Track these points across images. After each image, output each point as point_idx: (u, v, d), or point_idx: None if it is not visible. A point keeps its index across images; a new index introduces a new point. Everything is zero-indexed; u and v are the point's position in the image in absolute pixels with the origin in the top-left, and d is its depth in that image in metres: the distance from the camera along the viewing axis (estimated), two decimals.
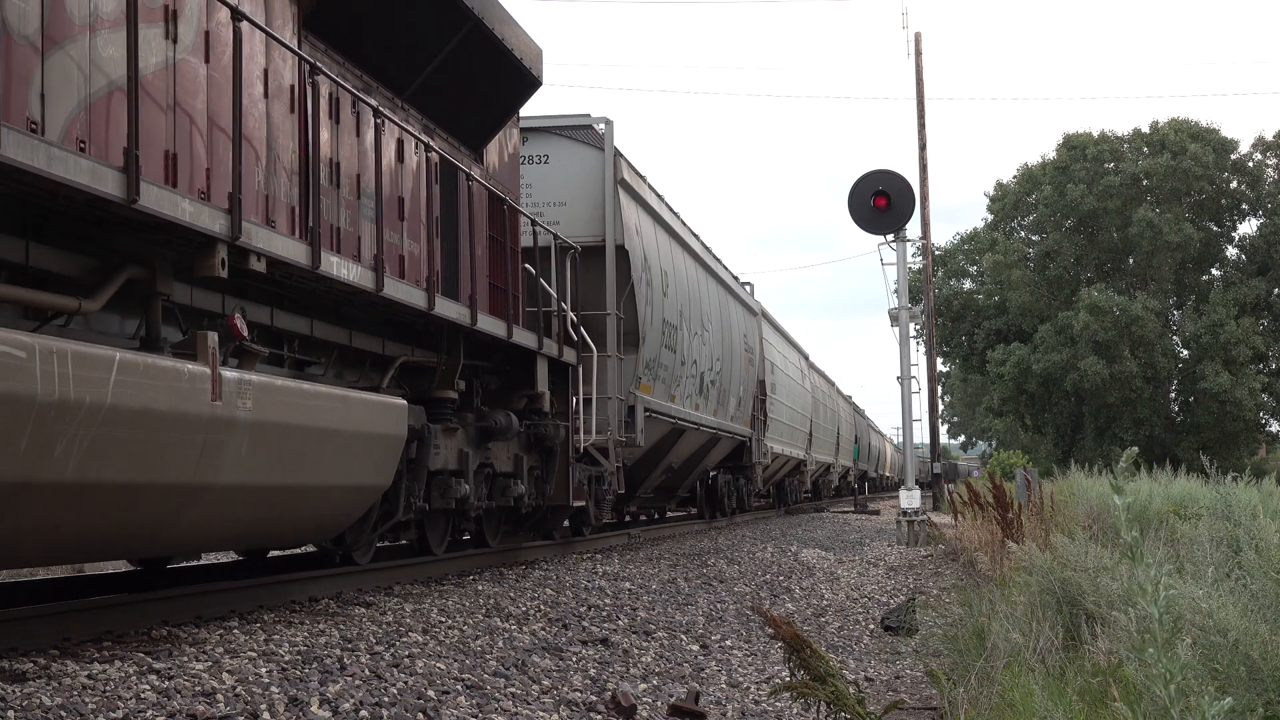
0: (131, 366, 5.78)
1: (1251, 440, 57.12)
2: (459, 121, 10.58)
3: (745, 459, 24.48)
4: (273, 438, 6.98)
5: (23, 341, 5.14)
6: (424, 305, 9.15)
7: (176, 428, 6.14)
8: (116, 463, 5.77)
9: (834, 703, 5.04)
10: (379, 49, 9.01)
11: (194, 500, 6.53)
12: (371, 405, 8.26)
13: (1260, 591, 4.91)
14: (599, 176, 14.87)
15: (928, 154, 33.47)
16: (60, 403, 5.32)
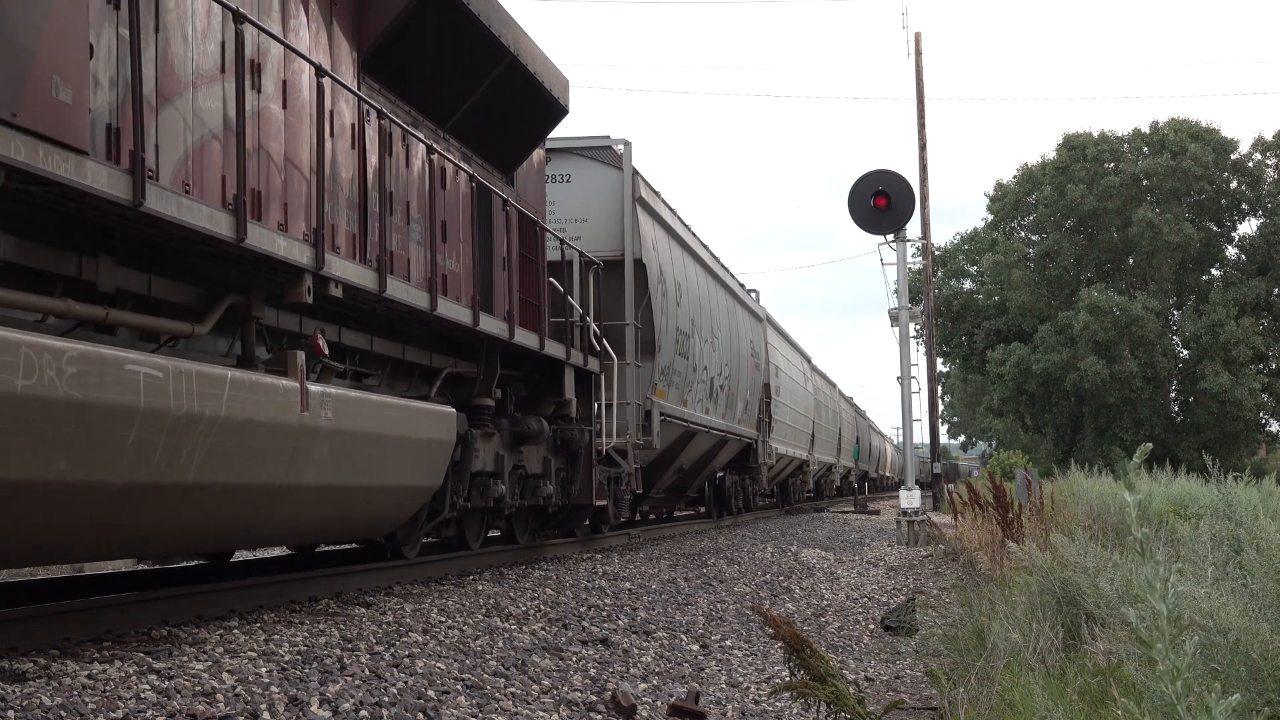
0: (239, 383, 6.62)
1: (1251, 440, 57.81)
2: (493, 148, 11.41)
3: (751, 460, 25.44)
4: (348, 443, 7.82)
5: (160, 363, 5.96)
6: (469, 322, 10.02)
7: (273, 435, 6.97)
8: (227, 466, 6.60)
9: (834, 703, 5.07)
10: (425, 86, 9.83)
11: (284, 499, 7.38)
12: (427, 413, 9.11)
13: (1261, 591, 4.91)
14: (618, 195, 15.80)
15: (928, 154, 34.02)
16: (187, 415, 6.14)
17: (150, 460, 5.96)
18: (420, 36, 9.32)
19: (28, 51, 5.16)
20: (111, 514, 5.97)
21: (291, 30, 8.06)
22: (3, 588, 8.44)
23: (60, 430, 5.35)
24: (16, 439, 5.13)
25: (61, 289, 6.15)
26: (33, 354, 5.16)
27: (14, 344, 5.08)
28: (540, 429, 12.16)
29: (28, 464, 5.23)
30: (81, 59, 5.54)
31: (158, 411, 5.92)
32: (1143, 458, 3.59)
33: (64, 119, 5.35)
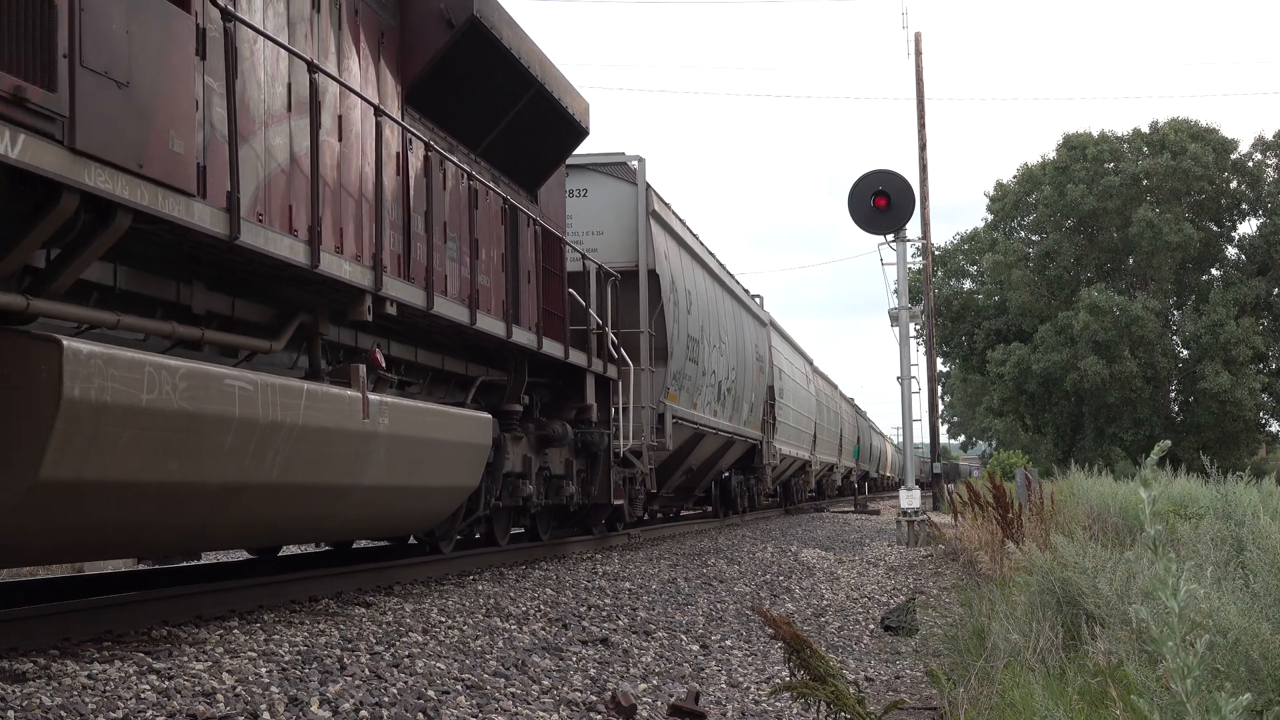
0: (313, 394, 7.55)
1: (1251, 440, 58.56)
2: (520, 168, 12.35)
3: (756, 460, 26.49)
4: (401, 447, 8.75)
5: (251, 378, 6.88)
6: (503, 334, 10.98)
7: (339, 441, 7.90)
8: (302, 468, 7.52)
9: (834, 703, 5.13)
10: (460, 114, 10.75)
11: (346, 498, 8.31)
12: (467, 419, 10.06)
13: (1261, 591, 4.93)
14: (633, 209, 16.84)
15: (928, 154, 34.54)
16: (271, 423, 7.06)
17: (242, 463, 6.89)
18: (457, 70, 10.24)
19: (150, 112, 6.08)
20: (209, 511, 6.90)
21: (345, 68, 8.97)
22: (3, 588, 8.55)
23: (173, 437, 6.28)
24: (139, 445, 6.05)
25: (162, 312, 7.08)
26: (154, 372, 6.08)
27: (140, 363, 5.99)
28: (564, 433, 13.15)
29: (148, 467, 6.15)
30: (190, 115, 6.45)
31: (249, 420, 6.85)
32: (1160, 454, 3.56)
33: (177, 167, 6.28)
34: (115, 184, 5.82)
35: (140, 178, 6.00)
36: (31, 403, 5.46)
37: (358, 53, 9.19)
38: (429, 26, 9.83)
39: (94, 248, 5.97)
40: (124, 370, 5.85)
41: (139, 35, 6.00)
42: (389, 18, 9.69)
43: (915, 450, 23.45)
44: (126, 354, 5.94)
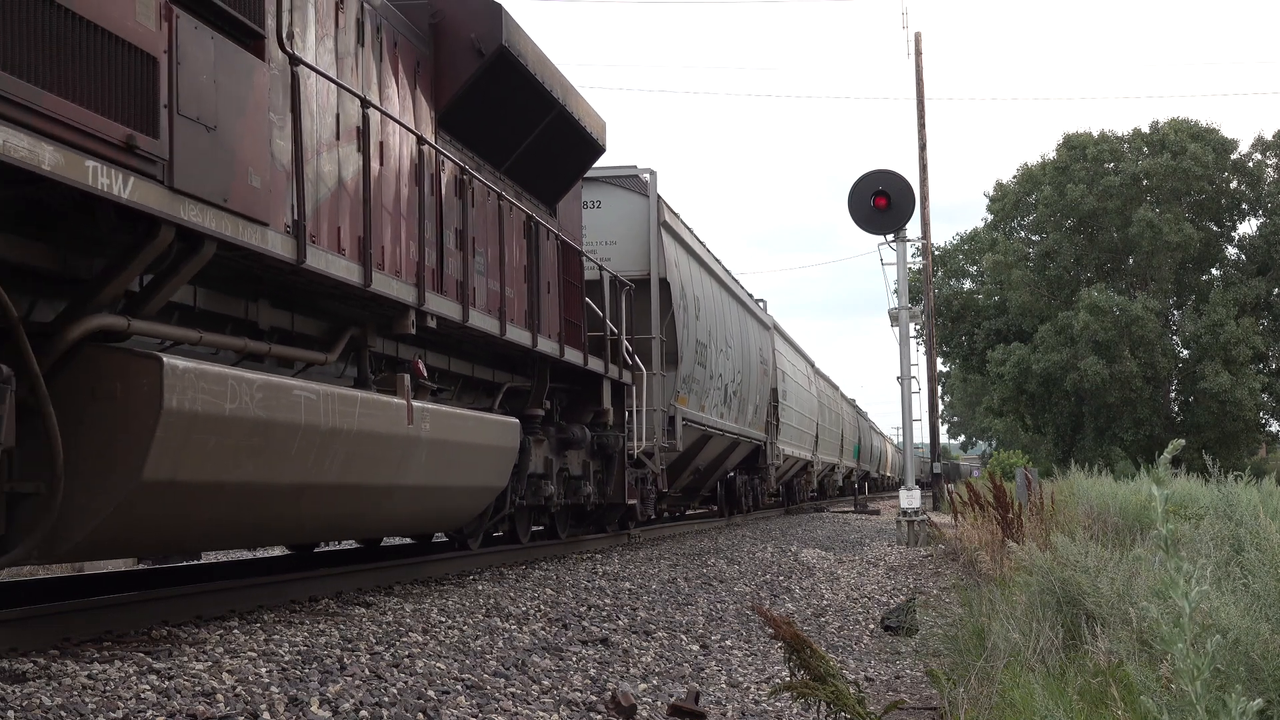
0: (366, 402, 8.38)
1: (1251, 440, 59.22)
2: (541, 184, 13.19)
3: (760, 461, 27.45)
4: (440, 451, 9.59)
5: (315, 388, 7.71)
6: (529, 344, 11.85)
7: (387, 445, 8.73)
8: (356, 469, 8.35)
9: (834, 703, 5.18)
10: (487, 135, 11.58)
11: (391, 496, 9.14)
12: (496, 424, 10.90)
13: (1261, 591, 4.96)
14: (644, 220, 17.82)
15: (928, 154, 35.09)
16: (331, 429, 7.89)
17: (306, 465, 7.71)
18: (486, 95, 11.07)
19: (233, 152, 6.90)
20: (278, 508, 7.73)
21: (386, 97, 9.79)
22: (3, 587, 8.64)
23: (250, 442, 7.10)
24: (222, 449, 6.87)
25: (231, 327, 7.90)
26: (235, 384, 6.90)
27: (224, 377, 6.82)
28: (583, 436, 14.01)
29: (229, 468, 6.98)
30: (265, 153, 7.28)
31: (313, 427, 7.67)
32: (1175, 452, 3.58)
33: (255, 201, 7.10)
34: (205, 217, 6.64)
35: (225, 210, 6.82)
36: (135, 412, 6.27)
37: (396, 81, 10.00)
38: (460, 55, 10.66)
39: (183, 273, 6.79)
40: (211, 383, 6.67)
41: (224, 83, 6.83)
42: (424, 47, 10.52)
43: (915, 450, 23.77)
44: (214, 369, 6.77)
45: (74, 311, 6.37)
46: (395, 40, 9.97)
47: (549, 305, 12.97)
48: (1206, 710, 3.22)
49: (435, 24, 10.63)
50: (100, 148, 5.86)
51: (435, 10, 10.65)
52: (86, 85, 5.78)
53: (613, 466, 15.31)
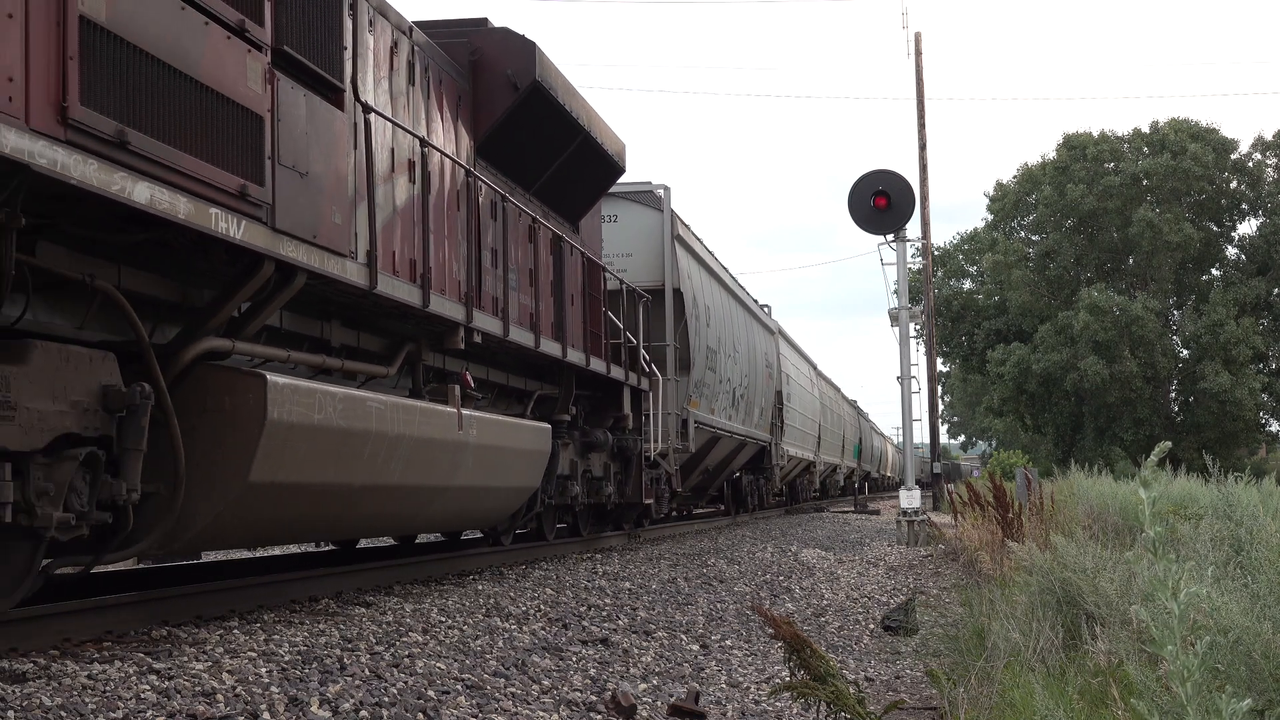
0: (424, 411, 9.52)
1: (1251, 440, 60.44)
2: (566, 203, 14.36)
3: (765, 461, 28.78)
4: (484, 454, 10.73)
5: (383, 399, 8.85)
6: (559, 355, 13.04)
7: (441, 449, 9.87)
8: (414, 472, 9.48)
9: (834, 702, 5.24)
10: (519, 160, 12.72)
11: (441, 496, 10.28)
12: (532, 429, 12.07)
13: (1262, 591, 4.98)
14: (659, 233, 19.13)
15: (928, 154, 35.83)
16: (396, 435, 9.02)
17: (375, 468, 8.85)
18: (520, 125, 12.21)
19: (321, 194, 8.03)
20: (352, 506, 8.87)
21: (433, 130, 10.91)
22: None
23: (331, 448, 8.23)
24: (311, 454, 7.99)
25: (309, 345, 9.03)
26: (322, 397, 8.03)
27: (314, 391, 7.95)
28: (605, 439, 15.20)
29: (315, 470, 8.10)
30: (345, 192, 8.41)
31: (382, 434, 8.80)
32: (1162, 455, 3.64)
33: (337, 235, 8.23)
34: (299, 252, 7.77)
35: (314, 245, 7.95)
36: (243, 423, 7.40)
37: (441, 115, 11.13)
38: (497, 89, 11.80)
39: (278, 301, 7.92)
40: (304, 397, 7.80)
41: (312, 133, 7.96)
42: (465, 83, 11.66)
43: (915, 450, 24.23)
44: (305, 384, 7.90)
45: (188, 335, 7.49)
46: (440, 78, 11.09)
47: (574, 317, 14.12)
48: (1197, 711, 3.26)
49: (474, 60, 11.77)
50: (220, 196, 6.98)
51: (474, 48, 11.79)
52: (210, 143, 6.90)
53: (631, 468, 16.53)
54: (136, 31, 6.29)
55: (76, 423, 6.45)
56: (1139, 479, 3.67)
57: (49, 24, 5.76)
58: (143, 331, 6.95)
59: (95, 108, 5.96)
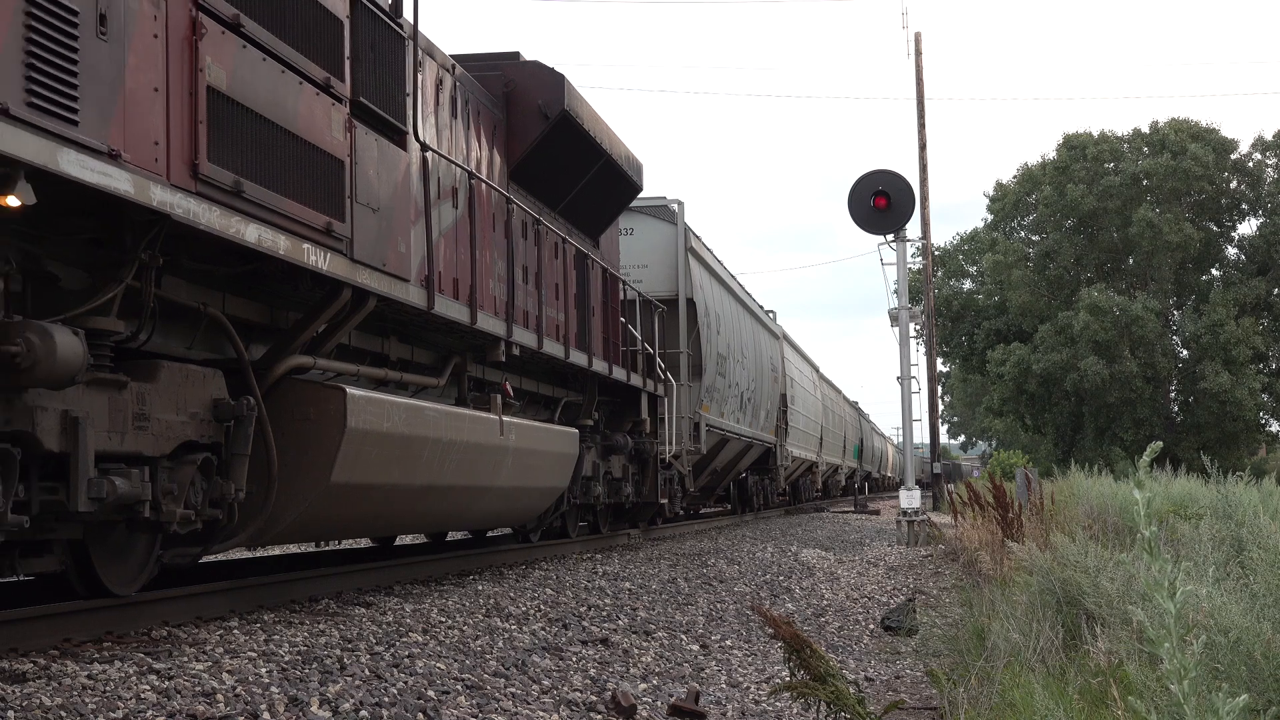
0: (472, 419, 10.74)
1: (1251, 440, 60.96)
2: (588, 220, 15.61)
3: (770, 462, 30.16)
4: (522, 457, 11.95)
5: (437, 408, 10.08)
6: (585, 364, 14.31)
7: (486, 453, 11.08)
8: (463, 473, 10.69)
9: (834, 703, 5.33)
10: (548, 182, 13.95)
11: (484, 496, 11.50)
12: (562, 434, 13.31)
13: (1262, 591, 5.04)
14: (673, 246, 20.44)
15: (928, 154, 36.61)
16: (449, 441, 10.23)
17: (431, 470, 10.06)
18: (549, 151, 13.43)
19: (389, 226, 9.25)
20: (412, 504, 10.08)
21: (472, 158, 12.11)
22: (3, 588, 8.79)
23: (397, 452, 9.43)
24: (380, 458, 9.20)
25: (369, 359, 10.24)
26: (389, 407, 9.24)
27: (384, 401, 9.16)
28: (625, 442, 16.48)
29: (382, 472, 9.31)
30: (408, 224, 9.63)
31: (437, 439, 10.02)
32: (1153, 456, 3.68)
33: (401, 262, 9.45)
34: (372, 280, 8.99)
35: (383, 273, 9.17)
36: (325, 431, 8.60)
37: (479, 143, 12.34)
38: (529, 118, 13.04)
39: (351, 322, 9.13)
40: (375, 407, 9.02)
41: (382, 173, 9.18)
42: (500, 113, 12.88)
43: (915, 450, 24.75)
44: (376, 396, 9.12)
45: (276, 353, 8.70)
46: (478, 109, 12.30)
47: (596, 327, 15.37)
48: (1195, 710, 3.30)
49: (508, 92, 13.00)
50: (310, 233, 8.19)
51: (508, 80, 13.02)
52: (303, 187, 8.11)
53: (647, 469, 17.79)
54: (249, 96, 7.50)
55: (195, 431, 7.66)
56: (1134, 480, 3.71)
57: (184, 95, 6.98)
58: (244, 352, 8.16)
59: (218, 163, 7.18)
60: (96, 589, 7.49)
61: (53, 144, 5.90)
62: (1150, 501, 3.58)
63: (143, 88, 6.63)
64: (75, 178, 6.04)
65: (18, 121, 5.68)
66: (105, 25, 6.33)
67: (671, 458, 18.63)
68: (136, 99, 6.57)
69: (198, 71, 7.05)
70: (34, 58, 5.81)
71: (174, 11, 6.91)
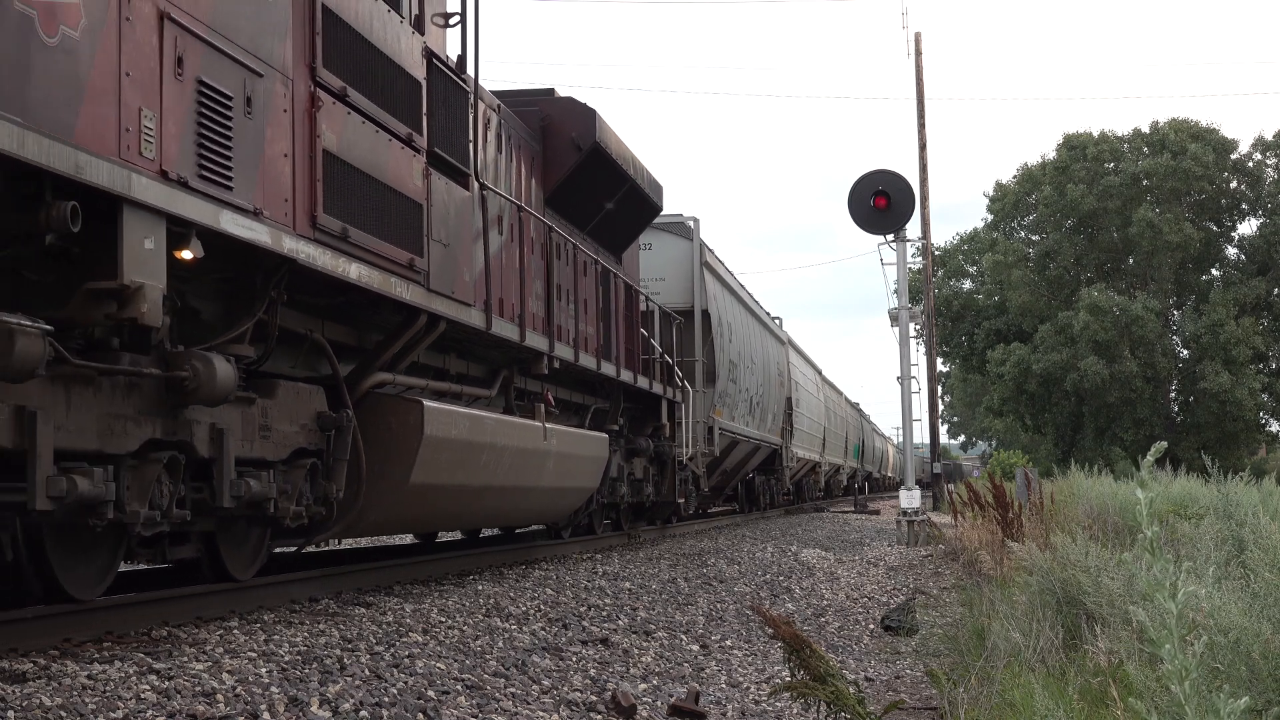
0: (520, 426, 12.34)
1: (1251, 440, 62.58)
2: (612, 239, 17.25)
3: (776, 463, 32.00)
4: (561, 460, 13.55)
5: (492, 416, 11.68)
6: (614, 375, 15.93)
7: (532, 456, 12.67)
8: (513, 474, 12.28)
9: (834, 703, 5.41)
10: (578, 207, 15.57)
11: (529, 495, 13.11)
12: (594, 438, 14.92)
13: (1262, 591, 5.08)
14: (689, 260, 22.15)
15: (928, 154, 37.59)
16: (502, 445, 11.83)
17: (488, 472, 11.66)
18: (581, 179, 15.05)
19: (457, 258, 10.85)
20: (471, 501, 11.68)
21: (514, 187, 13.68)
22: None
23: (463, 457, 11.02)
24: (449, 461, 10.77)
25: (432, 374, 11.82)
26: (456, 417, 10.83)
27: (452, 412, 10.76)
28: (647, 446, 18.16)
29: (451, 474, 10.89)
30: (470, 255, 11.21)
31: (493, 445, 11.61)
32: (1157, 455, 3.72)
33: (466, 290, 11.07)
34: (444, 306, 10.58)
35: (453, 300, 10.76)
36: (406, 438, 10.17)
37: (520, 174, 13.93)
38: (563, 150, 14.66)
39: (425, 342, 10.71)
40: (446, 417, 10.61)
41: (451, 212, 10.77)
42: (537, 146, 14.49)
43: (915, 450, 25.51)
44: (446, 407, 10.71)
45: (362, 370, 10.26)
46: (520, 143, 13.89)
47: (618, 339, 17.00)
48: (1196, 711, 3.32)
49: (544, 125, 14.60)
50: (396, 268, 9.76)
51: (545, 115, 14.63)
52: (391, 229, 9.68)
53: (666, 471, 19.45)
54: (353, 154, 9.10)
55: (305, 439, 9.25)
56: (1136, 480, 3.76)
57: (306, 158, 8.56)
58: (339, 371, 9.73)
59: (330, 213, 8.77)
60: (221, 575, 9.03)
61: (216, 207, 7.48)
62: (1153, 501, 3.67)
63: (276, 154, 8.21)
64: (231, 234, 7.62)
65: (193, 191, 7.25)
66: (250, 106, 7.91)
67: (688, 459, 20.28)
68: (272, 164, 8.15)
69: (315, 138, 8.63)
70: (203, 137, 7.39)
71: (298, 89, 8.49)
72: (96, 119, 6.48)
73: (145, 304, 6.83)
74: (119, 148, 6.64)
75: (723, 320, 23.52)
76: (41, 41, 6.13)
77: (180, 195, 7.11)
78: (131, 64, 6.78)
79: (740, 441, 25.91)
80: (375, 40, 9.54)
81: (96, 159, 6.40)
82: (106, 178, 6.47)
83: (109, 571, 7.86)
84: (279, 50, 8.25)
